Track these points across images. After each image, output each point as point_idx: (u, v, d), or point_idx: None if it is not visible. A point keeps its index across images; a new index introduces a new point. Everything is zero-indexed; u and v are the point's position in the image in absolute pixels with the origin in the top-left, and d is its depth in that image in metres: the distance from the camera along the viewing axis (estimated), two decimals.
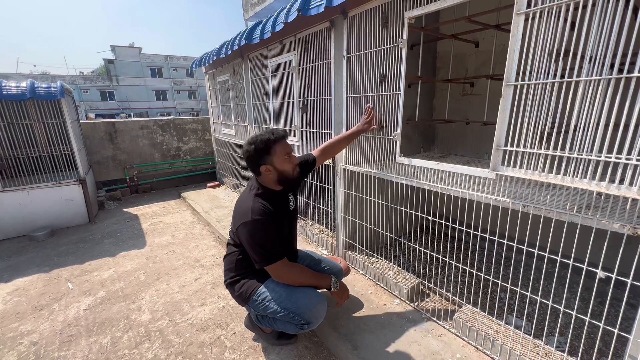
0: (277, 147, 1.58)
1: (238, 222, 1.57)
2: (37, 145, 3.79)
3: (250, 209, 1.54)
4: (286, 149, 1.62)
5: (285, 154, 1.61)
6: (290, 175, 1.65)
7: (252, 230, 1.52)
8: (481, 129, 2.70)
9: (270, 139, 1.57)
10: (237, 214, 1.62)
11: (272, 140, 1.57)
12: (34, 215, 3.64)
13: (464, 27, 2.48)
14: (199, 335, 1.94)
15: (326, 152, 2.06)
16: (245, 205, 1.58)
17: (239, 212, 1.60)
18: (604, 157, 1.16)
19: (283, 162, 1.60)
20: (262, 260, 1.56)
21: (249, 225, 1.52)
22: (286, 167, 1.62)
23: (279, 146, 1.59)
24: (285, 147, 1.62)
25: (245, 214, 1.54)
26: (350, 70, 2.21)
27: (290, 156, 1.64)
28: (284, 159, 1.60)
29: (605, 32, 1.10)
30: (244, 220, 1.53)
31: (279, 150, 1.58)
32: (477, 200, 1.59)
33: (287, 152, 1.62)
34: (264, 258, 1.56)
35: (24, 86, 3.36)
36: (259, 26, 2.86)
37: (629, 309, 1.95)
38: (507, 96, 1.38)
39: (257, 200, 1.58)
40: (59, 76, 26.44)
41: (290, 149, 1.65)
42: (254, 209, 1.54)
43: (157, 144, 5.56)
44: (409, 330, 1.83)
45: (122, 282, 2.57)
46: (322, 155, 2.03)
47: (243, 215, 1.56)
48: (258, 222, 1.52)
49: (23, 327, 2.06)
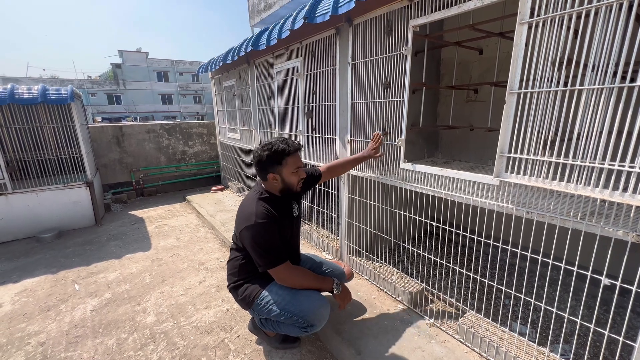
0: (289, 160, 1.61)
1: (241, 225, 1.59)
2: (47, 148, 3.86)
3: (253, 212, 1.56)
4: (297, 163, 1.65)
5: (296, 167, 1.63)
6: (293, 189, 1.68)
7: (255, 233, 1.54)
8: (485, 135, 2.71)
9: (285, 150, 1.59)
10: (240, 218, 1.63)
11: (287, 153, 1.60)
12: (42, 217, 3.70)
13: (468, 35, 2.51)
14: (203, 338, 1.95)
15: (332, 171, 2.10)
16: (248, 209, 1.60)
17: (242, 216, 1.61)
18: (607, 164, 1.16)
19: (291, 175, 1.63)
20: (265, 263, 1.57)
21: (252, 228, 1.53)
22: (293, 180, 1.65)
23: (291, 159, 1.61)
24: (296, 160, 1.65)
25: (249, 217, 1.56)
26: (355, 76, 2.24)
27: (299, 170, 1.67)
28: (292, 172, 1.63)
29: (608, 41, 1.12)
30: (247, 223, 1.55)
31: (290, 162, 1.61)
32: (481, 206, 1.60)
33: (297, 165, 1.64)
34: (267, 261, 1.57)
35: (35, 91, 3.44)
36: (266, 33, 2.91)
37: (635, 317, 1.94)
38: (510, 104, 1.39)
39: (260, 204, 1.60)
40: (68, 80, 26.92)
41: (301, 163, 1.68)
42: (257, 213, 1.55)
43: (163, 147, 5.63)
44: (412, 336, 1.82)
45: (128, 284, 2.60)
46: (328, 172, 2.07)
47: (246, 218, 1.57)
48: (261, 226, 1.53)
49: (31, 328, 2.09)
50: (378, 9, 1.95)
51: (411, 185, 1.96)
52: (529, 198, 1.46)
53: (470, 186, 1.66)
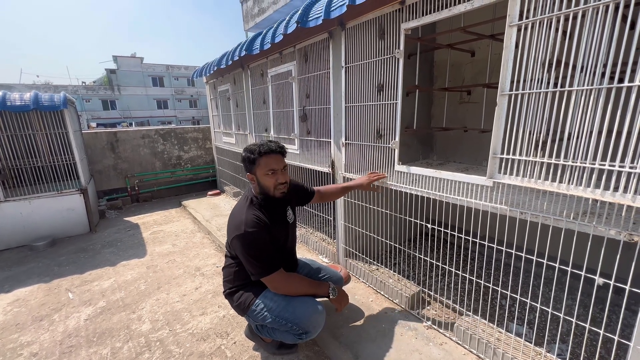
0: (261, 161, 1.60)
1: (232, 234, 1.57)
2: (40, 155, 3.82)
3: (243, 221, 1.54)
4: (270, 165, 1.60)
5: (269, 169, 1.60)
6: (270, 192, 1.64)
7: (245, 243, 1.52)
8: (479, 136, 2.73)
9: (256, 150, 1.60)
10: (230, 227, 1.62)
11: (258, 152, 1.60)
12: (35, 224, 3.65)
13: (460, 37, 2.52)
14: (199, 345, 1.93)
15: (326, 196, 2.11)
16: (238, 218, 1.58)
17: (232, 225, 1.60)
18: (598, 164, 1.17)
19: (264, 177, 1.61)
20: (257, 272, 1.56)
21: (242, 238, 1.52)
22: (267, 182, 1.62)
23: (263, 160, 1.60)
24: (269, 162, 1.60)
25: (238, 226, 1.54)
26: (349, 80, 2.25)
27: (275, 173, 1.62)
28: (265, 174, 1.61)
29: (596, 42, 1.13)
30: (237, 233, 1.53)
31: (262, 163, 1.60)
32: (475, 207, 1.60)
33: (270, 167, 1.60)
34: (260, 270, 1.55)
35: (27, 97, 3.42)
36: (259, 37, 2.92)
37: (630, 315, 1.95)
38: (502, 105, 1.40)
39: (250, 211, 1.58)
40: (62, 86, 26.72)
41: (276, 166, 1.62)
42: (246, 222, 1.54)
43: (158, 152, 5.60)
44: (410, 338, 1.82)
45: (123, 292, 2.57)
46: (321, 195, 2.08)
47: (236, 227, 1.55)
48: (251, 235, 1.51)
49: (23, 338, 2.06)
50: (370, 13, 1.96)
51: (406, 188, 1.96)
52: (522, 198, 1.46)
53: (464, 187, 1.67)
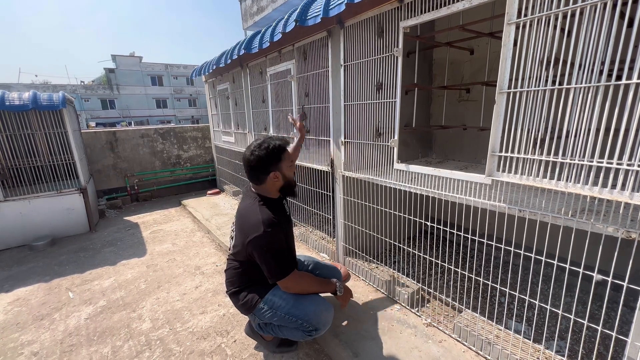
0: (286, 154, 1.60)
1: (249, 235, 1.49)
2: (39, 155, 3.82)
3: (260, 221, 1.48)
4: (291, 157, 1.65)
5: (291, 160, 1.63)
6: (293, 183, 1.67)
7: (265, 243, 1.47)
8: (478, 134, 2.73)
9: (282, 145, 1.57)
10: (245, 228, 1.53)
11: (283, 147, 1.59)
12: (35, 224, 3.65)
13: (459, 35, 2.53)
14: (199, 344, 1.94)
15: None
16: (254, 218, 1.51)
17: (249, 226, 1.52)
18: (596, 162, 1.18)
19: (289, 169, 1.62)
20: (274, 274, 1.52)
21: (261, 238, 1.46)
22: (291, 173, 1.64)
23: (287, 153, 1.61)
24: (290, 154, 1.65)
25: (256, 226, 1.48)
26: (348, 78, 2.25)
27: (294, 164, 1.68)
28: (289, 166, 1.62)
29: (594, 40, 1.13)
30: (256, 233, 1.47)
31: (287, 156, 1.61)
32: (474, 205, 1.61)
33: (292, 159, 1.64)
34: (277, 272, 1.52)
35: (26, 97, 3.41)
36: (258, 36, 2.91)
37: (628, 312, 1.95)
38: (500, 103, 1.41)
39: (264, 211, 1.53)
40: (60, 86, 26.65)
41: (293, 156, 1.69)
42: (264, 221, 1.48)
43: (158, 152, 5.60)
44: (409, 336, 1.83)
45: (123, 291, 2.57)
46: None
47: (254, 228, 1.48)
48: (270, 235, 1.48)
49: (24, 337, 2.06)
50: (369, 11, 1.96)
51: (405, 186, 1.97)
52: (521, 196, 1.47)
53: (463, 186, 1.67)
